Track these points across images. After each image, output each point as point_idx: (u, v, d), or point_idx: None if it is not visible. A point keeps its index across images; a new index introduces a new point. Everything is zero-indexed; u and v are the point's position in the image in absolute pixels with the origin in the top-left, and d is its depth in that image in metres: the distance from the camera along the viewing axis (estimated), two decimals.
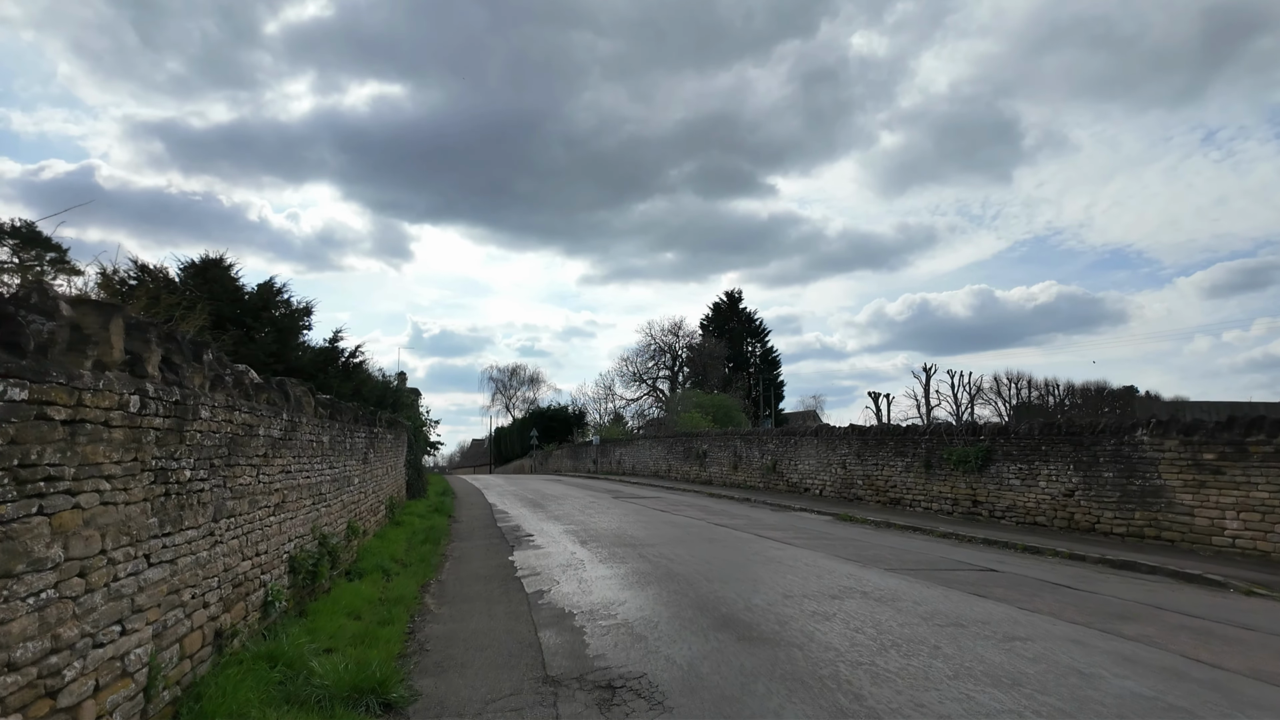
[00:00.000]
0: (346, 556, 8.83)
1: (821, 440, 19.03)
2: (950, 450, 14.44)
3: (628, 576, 8.24)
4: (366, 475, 10.78)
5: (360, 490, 10.19)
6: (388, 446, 13.45)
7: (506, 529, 13.37)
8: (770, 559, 9.41)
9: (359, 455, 10.09)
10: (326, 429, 7.94)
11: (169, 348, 4.20)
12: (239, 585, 5.03)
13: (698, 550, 10.19)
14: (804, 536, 11.92)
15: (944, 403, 59.23)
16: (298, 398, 6.94)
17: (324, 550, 7.35)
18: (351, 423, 9.64)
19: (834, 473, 18.39)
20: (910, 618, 6.28)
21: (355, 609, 6.69)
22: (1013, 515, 13.03)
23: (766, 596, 7.06)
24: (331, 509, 8.12)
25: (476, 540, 12.08)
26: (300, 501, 6.76)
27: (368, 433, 10.99)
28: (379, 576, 8.39)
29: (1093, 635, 5.82)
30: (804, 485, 19.74)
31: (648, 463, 32.94)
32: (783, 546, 10.64)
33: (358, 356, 15.67)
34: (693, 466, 27.53)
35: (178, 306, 11.62)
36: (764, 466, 21.87)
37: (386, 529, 12.30)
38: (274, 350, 12.92)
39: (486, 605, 7.12)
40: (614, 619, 6.31)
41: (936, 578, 8.30)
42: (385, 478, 12.96)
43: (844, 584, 7.75)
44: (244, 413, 5.21)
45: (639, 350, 63.02)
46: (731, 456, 24.28)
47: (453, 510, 17.00)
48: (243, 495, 5.15)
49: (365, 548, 10.00)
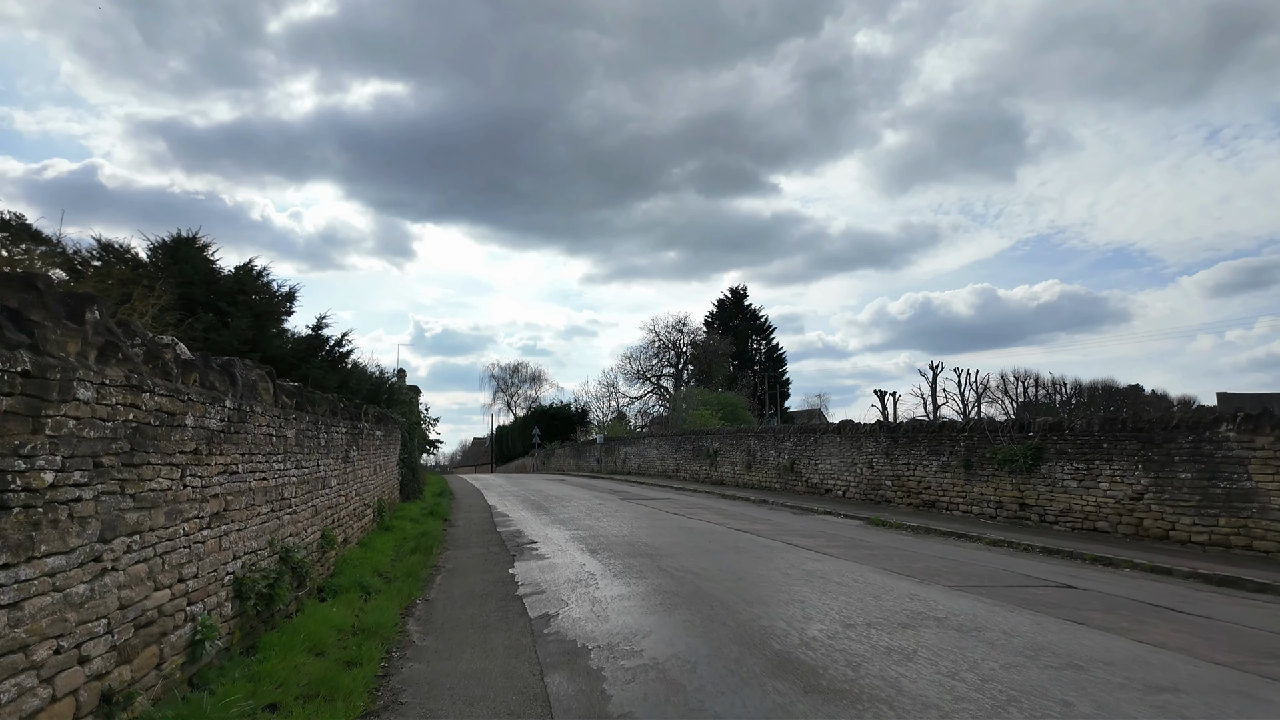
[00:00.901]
0: (319, 571, 7.58)
1: (845, 438, 17.74)
2: (994, 449, 13.15)
3: (649, 596, 6.97)
4: (348, 476, 9.53)
5: (340, 493, 8.93)
6: (376, 444, 12.20)
7: (507, 535, 12.12)
8: (811, 574, 8.15)
9: (338, 453, 8.83)
10: (292, 422, 6.68)
11: (23, 298, 2.95)
12: (147, 625, 3.77)
13: (724, 562, 8.93)
14: (838, 545, 10.65)
15: (951, 401, 58.04)
16: (250, 382, 5.68)
17: (286, 567, 6.10)
18: (328, 416, 8.39)
19: (859, 473, 17.10)
20: (1010, 655, 5.02)
21: (320, 641, 5.43)
22: (1068, 520, 11.75)
23: (824, 625, 5.79)
24: (299, 516, 6.87)
25: (473, 548, 10.82)
26: (253, 509, 5.51)
27: (350, 428, 9.74)
28: (356, 595, 7.14)
29: (1255, 683, 4.55)
30: (825, 486, 18.46)
31: (654, 462, 31.66)
32: (819, 557, 9.37)
33: (344, 346, 14.39)
34: (703, 466, 26.26)
35: (134, 284, 10.39)
36: (781, 466, 20.59)
37: (373, 535, 11.05)
38: (250, 337, 11.66)
39: (481, 635, 5.86)
40: (639, 657, 5.05)
41: (1012, 597, 7.03)
42: (372, 479, 11.71)
43: (909, 607, 6.48)
44: (160, 395, 3.95)
45: (643, 348, 61.80)
46: (745, 455, 23.00)
47: (449, 513, 15.75)
48: (156, 504, 3.89)
49: (345, 559, 8.76)
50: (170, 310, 10.53)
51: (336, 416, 8.92)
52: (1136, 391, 60.48)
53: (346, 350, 14.41)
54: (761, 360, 68.09)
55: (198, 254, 12.57)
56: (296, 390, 7.02)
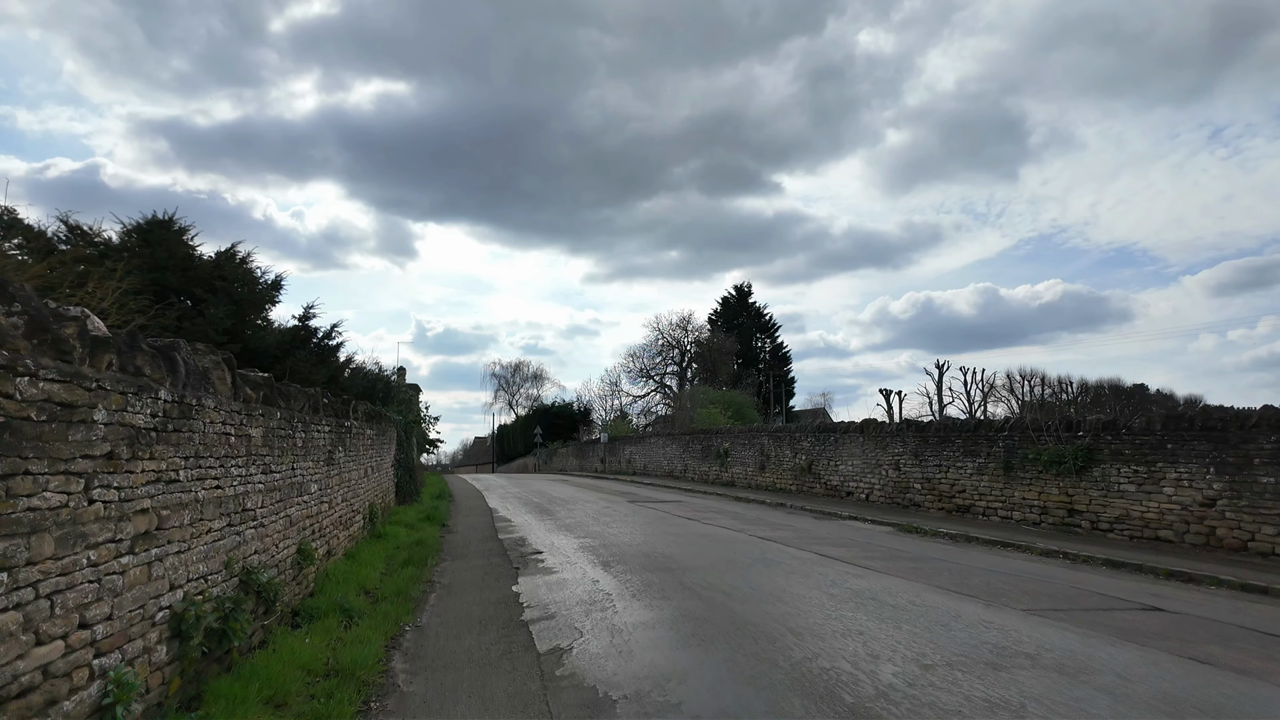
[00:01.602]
0: (294, 591, 6.57)
1: (868, 438, 16.69)
2: (1038, 449, 12.12)
3: (678, 624, 5.95)
4: (333, 480, 8.52)
5: (322, 500, 7.92)
6: (367, 444, 11.19)
7: (509, 543, 11.10)
8: (859, 594, 7.13)
9: (319, 455, 7.82)
10: (259, 419, 5.67)
11: None
12: (21, 695, 2.76)
13: (756, 578, 7.91)
14: (876, 556, 9.63)
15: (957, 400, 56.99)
16: (200, 370, 4.67)
17: (247, 593, 5.10)
18: (308, 413, 7.37)
19: (884, 475, 16.06)
20: (1145, 713, 3.99)
21: (282, 688, 4.42)
22: (1124, 528, 10.72)
23: (896, 667, 4.76)
24: (267, 530, 5.86)
25: (473, 559, 9.81)
26: (201, 524, 4.50)
27: (335, 426, 8.73)
28: (336, 621, 6.13)
29: None
30: (846, 489, 17.42)
31: (661, 462, 30.64)
32: (861, 572, 8.35)
33: (334, 338, 13.35)
34: (712, 467, 25.23)
35: (96, 267, 9.40)
36: (797, 467, 19.55)
37: (363, 545, 10.04)
38: (229, 328, 10.65)
39: (480, 677, 4.84)
40: (678, 714, 4.03)
41: (1101, 624, 6.01)
42: (363, 482, 10.71)
43: (988, 639, 5.45)
44: (49, 381, 2.94)
45: (646, 346, 60.78)
46: (758, 456, 21.96)
47: (447, 518, 14.73)
48: (38, 529, 2.88)
49: (329, 573, 7.75)
50: (138, 296, 9.53)
51: (319, 413, 7.91)
52: (1141, 390, 59.60)
53: (337, 343, 13.40)
54: (766, 358, 67.09)
55: (174, 237, 11.56)
56: (265, 382, 6.01)
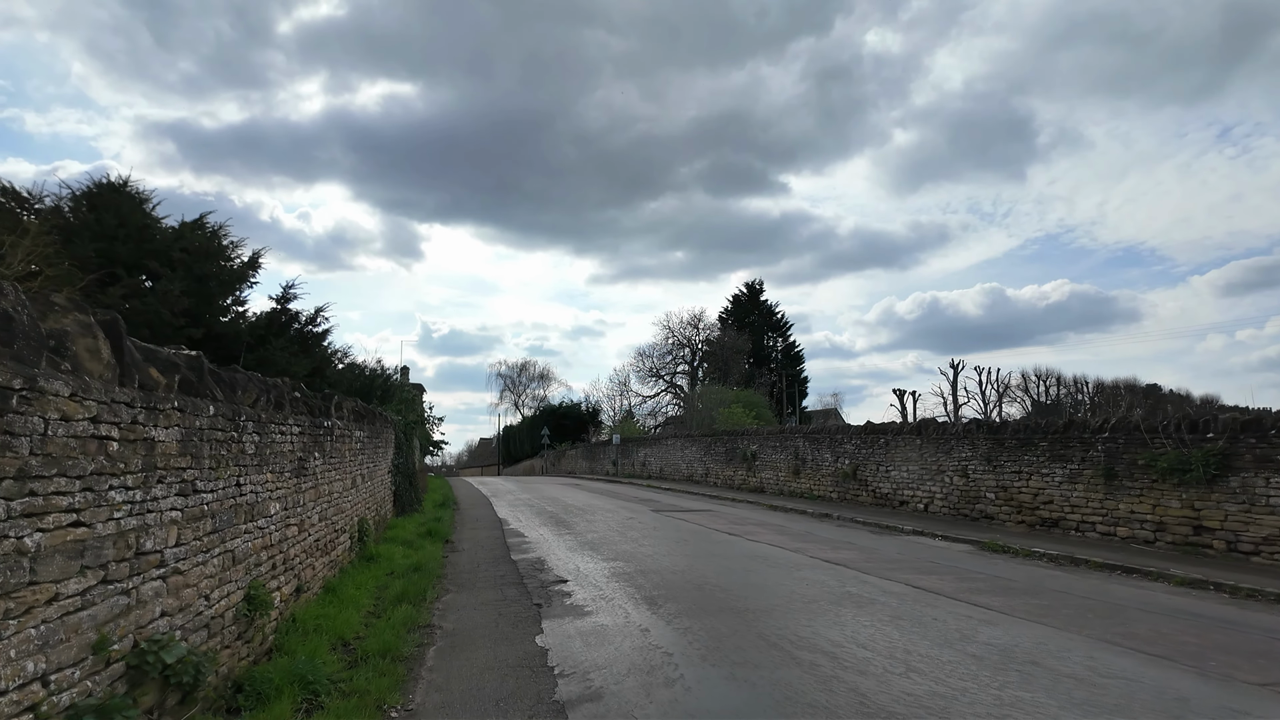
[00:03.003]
0: (240, 655, 4.73)
1: (928, 440, 14.77)
2: (1151, 454, 10.20)
3: (790, 717, 4.07)
4: (305, 495, 6.68)
5: (287, 523, 6.08)
6: (355, 448, 9.37)
7: (526, 566, 9.26)
8: (1010, 656, 5.23)
9: (283, 464, 5.97)
10: (172, 415, 3.83)
11: None
12: None
13: (858, 628, 6.03)
14: (982, 588, 7.75)
15: (972, 400, 55.05)
16: (49, 335, 2.83)
17: (140, 684, 3.26)
18: (266, 408, 5.53)
19: (948, 482, 14.13)
20: None
21: None
22: (1272, 549, 8.81)
23: None
24: (187, 578, 4.01)
25: (482, 589, 7.96)
26: (38, 590, 2.66)
27: (310, 427, 6.89)
28: (291, 705, 4.28)
29: None
30: (899, 498, 15.50)
31: (679, 465, 28.75)
32: (985, 615, 6.47)
33: (319, 324, 11.47)
34: (738, 471, 23.32)
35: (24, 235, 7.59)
36: (839, 473, 17.63)
37: (348, 572, 8.21)
38: (188, 309, 8.82)
39: None
40: None
41: None
42: (349, 494, 8.88)
43: None
44: None
45: (656, 344, 59.04)
46: (791, 460, 20.05)
47: (451, 532, 12.88)
48: None
49: (297, 618, 5.92)
50: (71, 264, 7.73)
51: (283, 409, 6.07)
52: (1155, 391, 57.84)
53: (322, 330, 11.52)
54: (778, 358, 65.38)
55: (127, 202, 9.74)
56: (188, 363, 4.17)
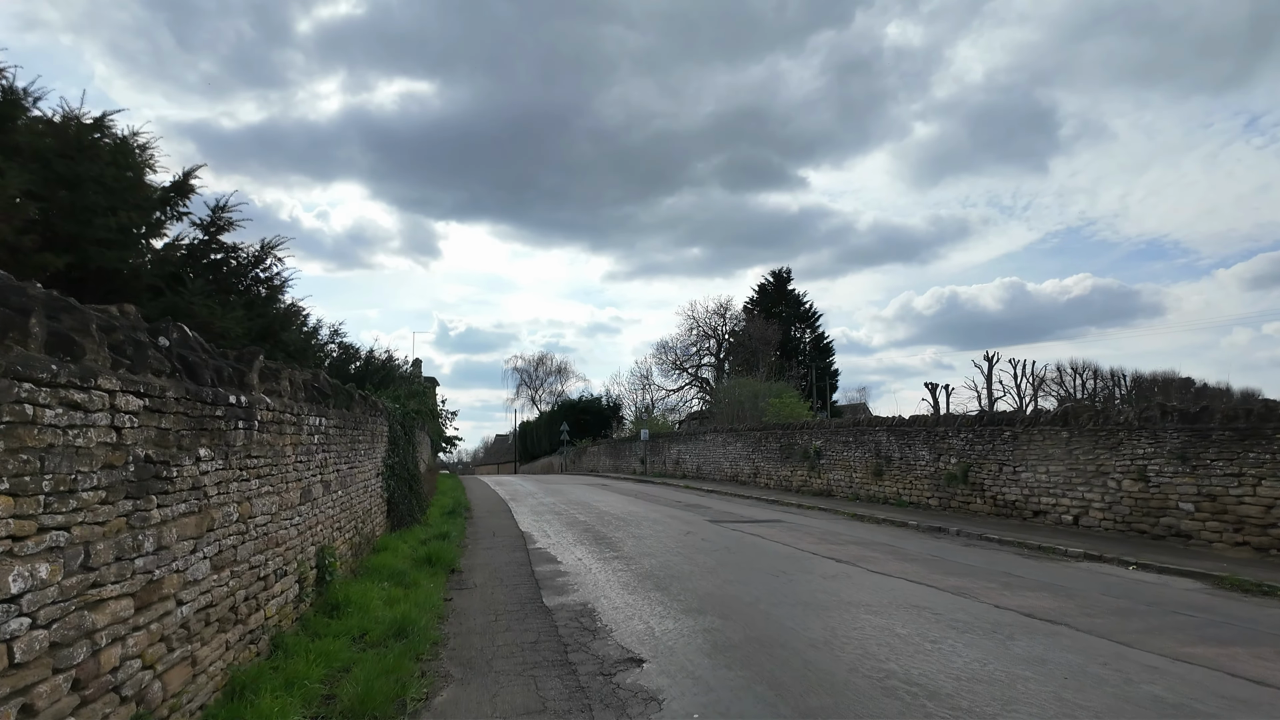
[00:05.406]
0: None
1: (1079, 432, 11.37)
2: None
3: None
4: (172, 529, 3.53)
5: (147, 588, 2.93)
6: (315, 444, 6.23)
7: (567, 622, 6.10)
8: None
9: (116, 479, 2.82)
10: None
11: None
12: None
13: None
14: None
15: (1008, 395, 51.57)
16: None
17: None
18: (98, 351, 2.38)
19: (1111, 488, 10.77)
20: None
21: None
22: None
23: None
24: None
25: (502, 684, 4.78)
26: None
27: (195, 407, 3.75)
28: None
29: None
30: (1032, 507, 12.16)
31: (721, 464, 25.49)
32: None
33: (270, 267, 8.26)
34: (797, 470, 20.03)
35: None
36: (942, 474, 14.28)
37: (284, 646, 5.08)
38: (41, 222, 5.71)
39: None
40: None
41: None
42: (293, 515, 5.74)
43: None
44: None
45: (680, 336, 55.99)
46: (869, 458, 16.72)
47: (459, 557, 9.70)
48: None
49: None
50: None
51: (113, 371, 2.92)
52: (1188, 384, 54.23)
53: (281, 279, 8.34)
54: (806, 349, 62.13)
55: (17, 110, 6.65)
56: None
